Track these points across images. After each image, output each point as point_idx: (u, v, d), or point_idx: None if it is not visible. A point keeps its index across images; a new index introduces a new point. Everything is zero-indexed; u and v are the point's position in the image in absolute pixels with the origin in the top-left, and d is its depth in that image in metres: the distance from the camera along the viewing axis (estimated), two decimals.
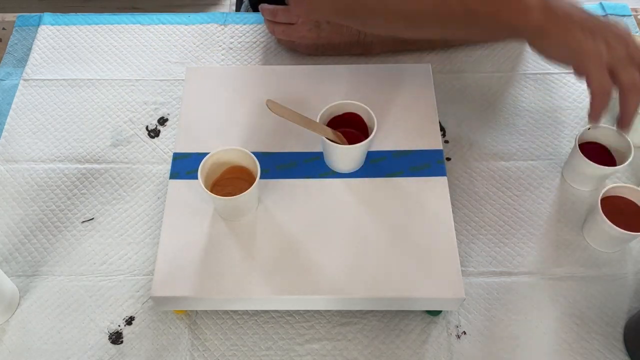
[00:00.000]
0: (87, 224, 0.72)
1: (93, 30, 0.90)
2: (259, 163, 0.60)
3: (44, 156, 0.77)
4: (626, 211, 0.67)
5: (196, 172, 0.59)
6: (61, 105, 0.82)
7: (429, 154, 0.67)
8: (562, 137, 0.79)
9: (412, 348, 0.64)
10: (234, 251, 0.61)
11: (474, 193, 0.74)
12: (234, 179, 0.63)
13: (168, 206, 0.64)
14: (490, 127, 0.80)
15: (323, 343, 0.64)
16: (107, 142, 0.78)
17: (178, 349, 0.64)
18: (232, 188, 0.62)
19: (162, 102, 0.82)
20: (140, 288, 0.67)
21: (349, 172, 0.66)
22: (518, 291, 0.67)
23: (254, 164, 0.61)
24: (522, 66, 0.85)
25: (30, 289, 0.67)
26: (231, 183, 0.63)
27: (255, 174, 0.60)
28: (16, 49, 0.88)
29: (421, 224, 0.62)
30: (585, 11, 0.56)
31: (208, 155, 0.61)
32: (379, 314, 0.66)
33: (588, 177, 0.72)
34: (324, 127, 0.63)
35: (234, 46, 0.88)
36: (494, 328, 0.65)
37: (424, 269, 0.59)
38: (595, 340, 0.64)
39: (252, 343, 0.64)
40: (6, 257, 0.69)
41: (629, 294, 0.67)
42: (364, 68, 0.75)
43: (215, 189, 0.63)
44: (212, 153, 0.61)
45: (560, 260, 0.69)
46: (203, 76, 0.74)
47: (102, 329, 0.65)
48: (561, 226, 0.71)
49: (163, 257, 0.60)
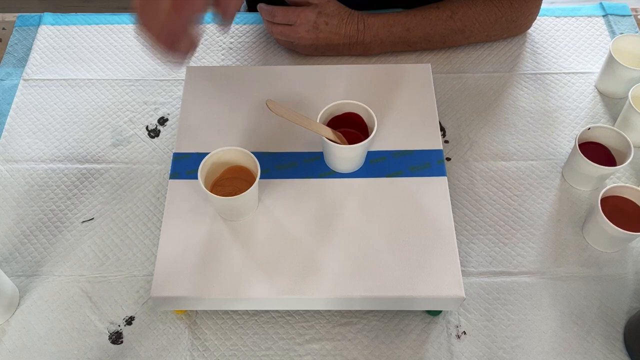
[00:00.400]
0: (87, 224, 0.72)
1: (93, 30, 0.90)
2: (259, 163, 0.60)
3: (44, 156, 0.77)
4: (626, 211, 0.67)
5: (196, 172, 0.59)
6: (61, 105, 0.82)
7: (429, 154, 0.67)
8: (562, 137, 0.79)
9: (412, 348, 0.64)
10: (233, 251, 0.61)
11: (474, 193, 0.74)
12: (233, 179, 0.63)
13: (168, 206, 0.64)
14: (490, 127, 0.80)
15: (323, 343, 0.64)
16: (107, 142, 0.78)
17: (178, 349, 0.64)
18: (232, 188, 0.62)
19: (162, 102, 0.82)
20: (140, 288, 0.67)
21: (349, 172, 0.66)
22: (518, 291, 0.67)
23: (254, 164, 0.61)
24: (522, 66, 0.85)
25: (30, 289, 0.67)
26: (231, 183, 0.63)
27: (255, 174, 0.60)
28: (16, 49, 0.88)
29: (421, 224, 0.62)
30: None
31: (208, 155, 0.61)
32: (379, 314, 0.66)
33: (588, 177, 0.72)
34: (323, 126, 0.63)
35: (234, 46, 0.88)
36: (494, 328, 0.65)
37: (424, 269, 0.59)
38: (595, 340, 0.64)
39: (252, 343, 0.64)
40: (6, 257, 0.69)
41: (629, 294, 0.67)
42: (364, 68, 0.75)
43: (215, 189, 0.63)
44: (212, 153, 0.61)
45: (560, 260, 0.69)
46: (203, 76, 0.74)
47: (102, 329, 0.65)
48: (561, 226, 0.71)
49: (163, 257, 0.60)
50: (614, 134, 0.72)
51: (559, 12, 0.92)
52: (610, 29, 0.89)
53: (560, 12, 0.92)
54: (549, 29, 0.89)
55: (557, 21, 0.91)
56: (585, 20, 0.91)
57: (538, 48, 0.87)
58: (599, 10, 0.92)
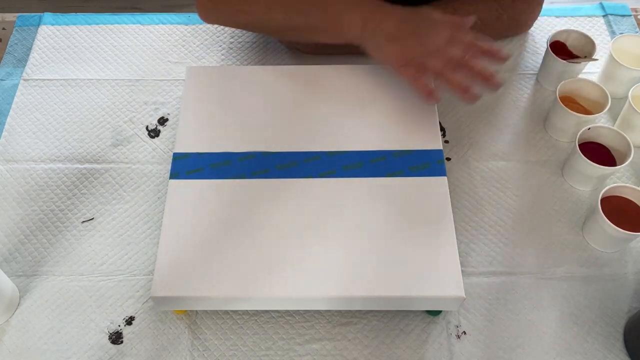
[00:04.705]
0: (87, 224, 0.72)
1: (93, 30, 0.90)
2: (258, 163, 0.60)
3: (44, 156, 0.77)
4: (626, 211, 0.67)
5: (196, 172, 0.59)
6: (61, 105, 0.82)
7: (429, 154, 0.67)
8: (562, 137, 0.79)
9: (412, 348, 0.64)
10: (234, 251, 0.61)
11: (474, 193, 0.74)
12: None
13: (168, 206, 0.64)
14: (490, 127, 0.80)
15: (323, 343, 0.64)
16: (107, 142, 0.78)
17: (178, 349, 0.64)
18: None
19: (162, 102, 0.82)
20: (140, 288, 0.67)
21: (348, 172, 0.66)
22: (518, 291, 0.67)
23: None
24: (522, 66, 0.85)
25: (30, 289, 0.67)
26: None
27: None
28: (16, 49, 0.88)
29: (421, 224, 0.62)
30: (405, 15, 0.67)
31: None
32: (379, 314, 0.66)
33: (588, 177, 0.72)
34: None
35: (234, 46, 0.88)
36: (494, 328, 0.65)
37: (424, 269, 0.59)
38: (595, 340, 0.64)
39: (252, 343, 0.64)
40: (6, 257, 0.69)
41: (629, 294, 0.67)
42: (364, 68, 0.75)
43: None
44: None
45: (560, 260, 0.69)
46: (203, 76, 0.74)
47: (102, 329, 0.65)
48: (561, 226, 0.71)
49: (163, 257, 0.60)
50: (614, 134, 0.72)
51: (559, 12, 0.92)
52: (610, 29, 0.89)
53: (560, 12, 0.92)
54: (549, 29, 0.89)
55: (557, 21, 0.91)
56: (585, 20, 0.91)
57: (538, 48, 0.87)
58: (599, 10, 0.92)
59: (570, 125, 0.75)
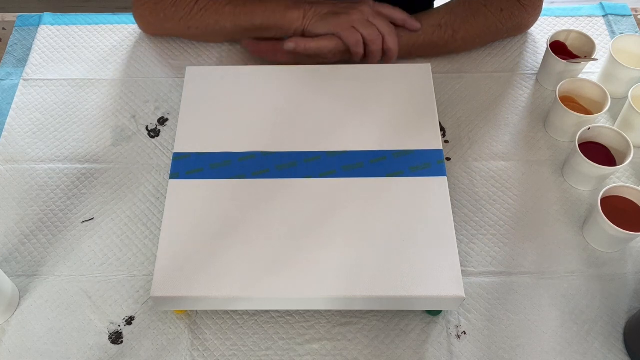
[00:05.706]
0: (87, 224, 0.72)
1: (93, 30, 0.90)
2: (258, 163, 0.60)
3: (44, 156, 0.77)
4: (626, 211, 0.67)
5: (196, 172, 0.59)
6: (61, 105, 0.82)
7: (429, 154, 0.67)
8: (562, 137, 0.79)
9: (412, 348, 0.64)
10: (234, 251, 0.61)
11: (474, 193, 0.74)
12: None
13: (168, 206, 0.64)
14: (490, 127, 0.80)
15: (323, 343, 0.64)
16: (107, 142, 0.78)
17: (178, 349, 0.64)
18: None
19: (162, 102, 0.82)
20: (140, 288, 0.67)
21: (348, 172, 0.66)
22: (518, 291, 0.67)
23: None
24: (522, 66, 0.86)
25: (30, 289, 0.67)
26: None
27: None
28: (16, 49, 0.88)
29: (421, 224, 0.62)
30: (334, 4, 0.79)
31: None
32: (379, 314, 0.66)
33: (588, 177, 0.72)
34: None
35: (234, 46, 0.88)
36: (494, 328, 0.65)
37: (424, 269, 0.59)
38: (595, 340, 0.64)
39: (252, 343, 0.64)
40: (6, 257, 0.69)
41: (629, 294, 0.67)
42: (364, 68, 0.75)
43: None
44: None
45: (560, 260, 0.69)
46: (203, 76, 0.74)
47: (102, 329, 0.65)
48: (561, 226, 0.71)
49: (163, 257, 0.60)
50: (614, 134, 0.72)
51: (559, 12, 0.92)
52: (610, 29, 0.89)
53: (560, 12, 0.92)
54: (549, 29, 0.89)
55: (557, 21, 0.91)
56: (585, 20, 0.91)
57: (538, 48, 0.87)
58: (599, 10, 0.92)
59: (570, 125, 0.75)
